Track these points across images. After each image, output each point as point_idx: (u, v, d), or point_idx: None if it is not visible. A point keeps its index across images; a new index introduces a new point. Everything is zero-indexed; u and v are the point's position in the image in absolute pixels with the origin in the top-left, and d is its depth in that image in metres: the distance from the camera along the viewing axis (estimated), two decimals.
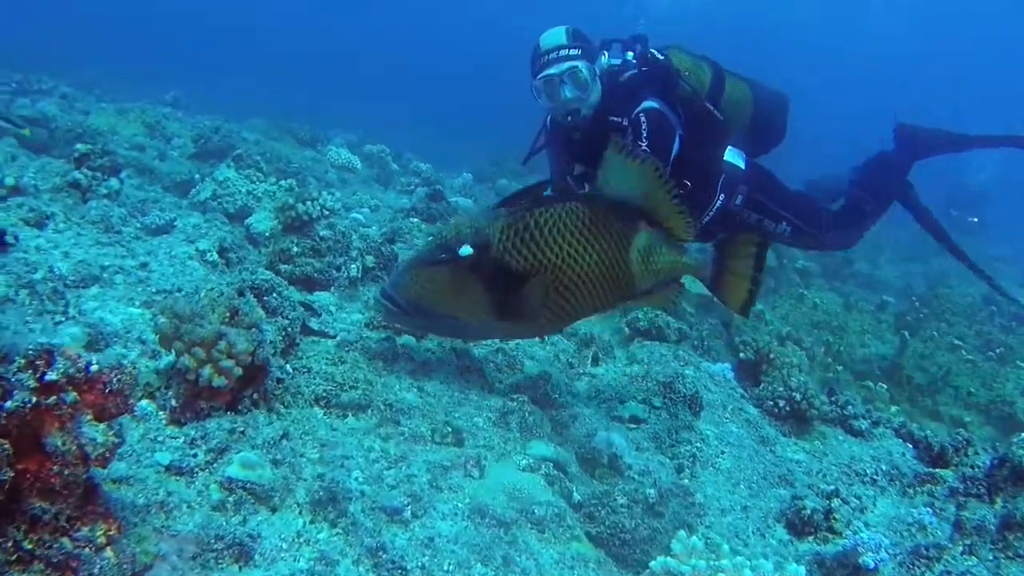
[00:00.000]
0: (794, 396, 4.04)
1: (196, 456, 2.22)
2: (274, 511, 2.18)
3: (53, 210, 3.73)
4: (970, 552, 3.03)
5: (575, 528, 2.53)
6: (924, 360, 6.57)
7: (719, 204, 4.23)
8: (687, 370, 4.11)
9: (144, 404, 2.39)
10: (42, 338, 1.47)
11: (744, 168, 4.30)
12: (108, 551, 1.59)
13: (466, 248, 2.84)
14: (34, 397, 1.42)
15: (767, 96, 4.46)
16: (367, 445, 2.57)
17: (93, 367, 1.53)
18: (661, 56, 4.14)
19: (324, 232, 4.01)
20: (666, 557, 2.32)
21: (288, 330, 2.97)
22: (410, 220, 5.90)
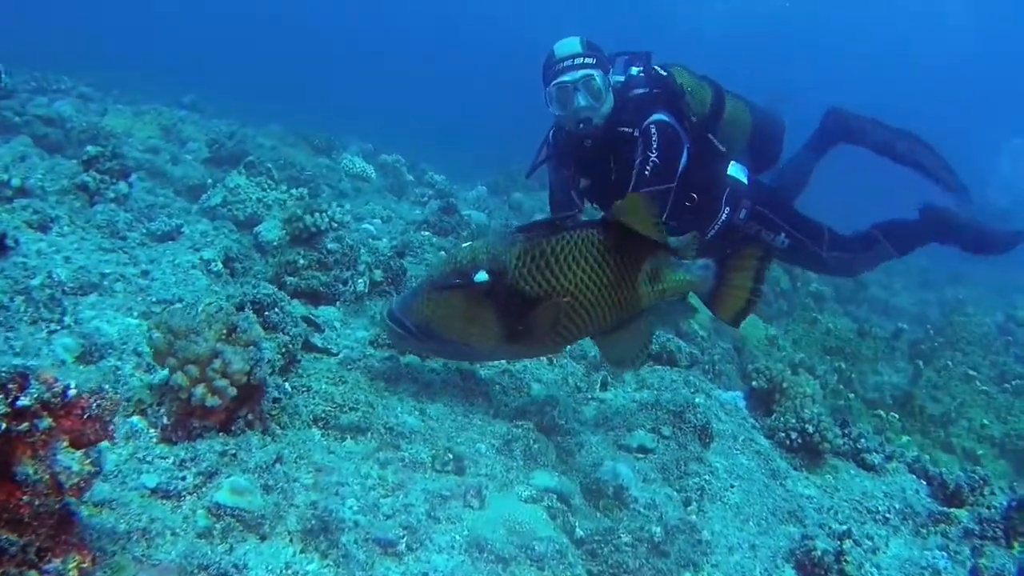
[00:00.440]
0: (807, 428, 3.93)
1: (184, 479, 2.14)
2: (263, 539, 2.09)
3: (58, 213, 3.67)
4: None
5: (576, 566, 2.43)
6: (937, 390, 6.47)
7: (724, 217, 4.32)
8: (698, 398, 4.01)
9: (135, 420, 2.32)
10: (17, 360, 1.40)
11: (747, 183, 4.36)
12: None
13: (482, 274, 2.81)
14: (3, 423, 1.34)
15: (765, 118, 4.55)
16: (364, 471, 2.49)
17: (71, 391, 1.46)
18: (664, 72, 4.22)
19: (332, 245, 3.93)
20: None
21: (289, 347, 2.89)
22: (422, 233, 5.82)
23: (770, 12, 33.93)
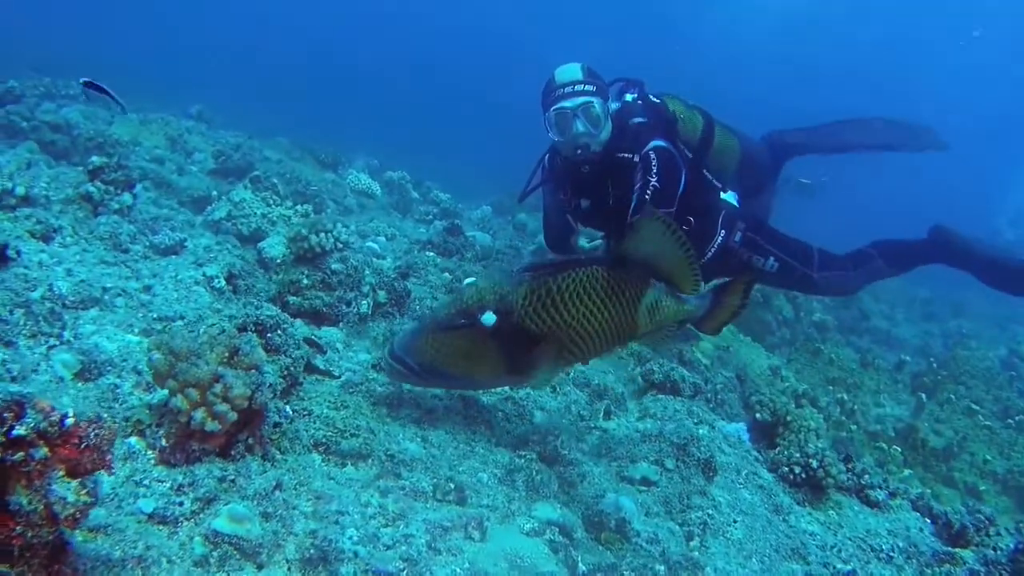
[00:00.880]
0: (810, 463, 3.88)
1: (182, 504, 2.09)
2: (260, 568, 2.05)
3: (61, 223, 3.64)
4: None
5: None
6: (940, 423, 6.41)
7: (720, 240, 4.44)
8: (702, 430, 3.96)
9: (133, 440, 2.28)
10: (14, 387, 1.36)
11: (738, 207, 4.47)
12: None
13: (489, 316, 2.79)
14: None
15: (753, 149, 4.72)
16: (364, 499, 2.44)
17: (69, 420, 1.41)
18: (657, 100, 4.34)
19: (336, 266, 3.89)
20: None
21: (290, 369, 2.85)
22: (426, 254, 5.79)
23: (768, 23, 33.99)
